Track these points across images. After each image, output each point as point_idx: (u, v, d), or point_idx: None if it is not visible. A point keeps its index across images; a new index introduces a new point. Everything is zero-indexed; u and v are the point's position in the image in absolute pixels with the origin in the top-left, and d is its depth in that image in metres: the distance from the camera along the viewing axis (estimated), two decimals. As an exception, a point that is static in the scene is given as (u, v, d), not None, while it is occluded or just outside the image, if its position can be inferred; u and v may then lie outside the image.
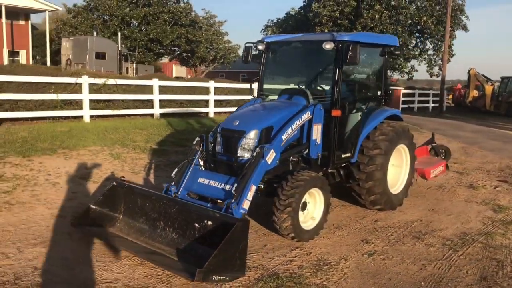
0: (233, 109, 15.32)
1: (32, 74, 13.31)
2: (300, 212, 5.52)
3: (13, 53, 34.66)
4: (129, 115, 15.10)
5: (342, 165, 6.53)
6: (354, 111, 6.84)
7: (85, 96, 13.70)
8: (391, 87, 29.32)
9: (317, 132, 5.96)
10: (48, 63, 30.37)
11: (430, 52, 34.96)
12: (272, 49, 6.81)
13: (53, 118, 13.55)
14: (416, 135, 16.03)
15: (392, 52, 6.96)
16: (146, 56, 34.09)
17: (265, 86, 6.90)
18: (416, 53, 34.01)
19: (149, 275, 4.42)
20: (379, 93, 6.99)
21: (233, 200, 4.90)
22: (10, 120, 12.93)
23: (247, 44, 6.67)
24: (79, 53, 26.27)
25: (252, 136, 5.46)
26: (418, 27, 33.45)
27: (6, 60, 34.25)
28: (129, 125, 12.89)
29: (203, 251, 4.50)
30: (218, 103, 17.66)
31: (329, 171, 6.38)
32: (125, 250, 4.78)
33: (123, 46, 29.55)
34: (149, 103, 15.57)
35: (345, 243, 5.54)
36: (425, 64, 35.17)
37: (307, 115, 5.84)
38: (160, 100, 15.63)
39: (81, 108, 13.81)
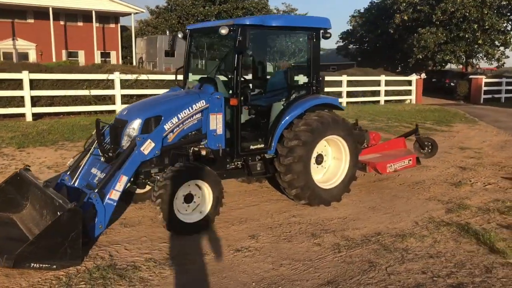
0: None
1: (66, 72, 14.36)
2: (184, 204, 5.36)
3: (105, 54, 37.69)
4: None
5: (258, 156, 6.20)
6: (283, 100, 6.48)
7: (117, 92, 14.51)
8: (472, 76, 26.90)
9: (215, 122, 5.72)
10: (134, 63, 32.52)
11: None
12: (195, 37, 6.66)
13: (89, 112, 14.55)
14: (464, 127, 14.66)
15: (323, 35, 6.39)
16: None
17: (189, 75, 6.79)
18: (509, 37, 30.71)
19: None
20: (306, 80, 6.50)
21: (95, 190, 4.92)
22: (49, 115, 14.14)
23: (173, 33, 6.66)
24: (151, 52, 27.73)
25: (134, 126, 5.41)
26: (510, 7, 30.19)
27: (98, 61, 37.37)
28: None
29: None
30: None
31: (238, 163, 6.09)
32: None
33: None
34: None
35: (228, 238, 5.25)
36: (519, 49, 31.72)
37: (200, 104, 5.64)
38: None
39: (114, 103, 14.65)
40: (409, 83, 23.38)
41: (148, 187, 6.36)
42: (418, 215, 6.10)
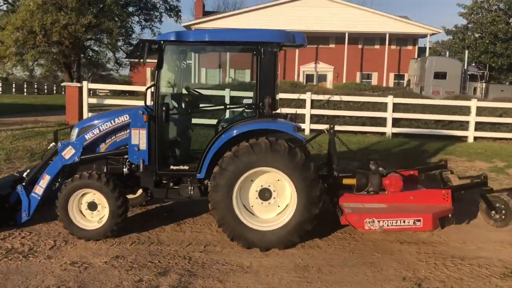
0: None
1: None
2: (88, 211, 5.66)
3: (398, 76, 37.67)
4: (361, 132, 14.82)
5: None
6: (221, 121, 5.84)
7: (307, 111, 14.77)
8: None
9: (137, 137, 5.68)
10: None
11: None
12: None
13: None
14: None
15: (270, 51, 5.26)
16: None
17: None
18: None
19: None
20: (249, 101, 5.53)
21: (23, 184, 5.84)
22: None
23: None
24: (421, 73, 26.24)
25: (73, 133, 6.05)
26: None
27: (391, 83, 37.69)
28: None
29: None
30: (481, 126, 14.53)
31: (163, 181, 5.82)
32: None
33: (473, 64, 27.06)
34: (382, 121, 14.89)
35: (112, 255, 5.23)
36: None
37: (123, 118, 5.78)
38: (397, 119, 14.68)
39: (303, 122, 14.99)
40: None
41: (139, 192, 6.77)
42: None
